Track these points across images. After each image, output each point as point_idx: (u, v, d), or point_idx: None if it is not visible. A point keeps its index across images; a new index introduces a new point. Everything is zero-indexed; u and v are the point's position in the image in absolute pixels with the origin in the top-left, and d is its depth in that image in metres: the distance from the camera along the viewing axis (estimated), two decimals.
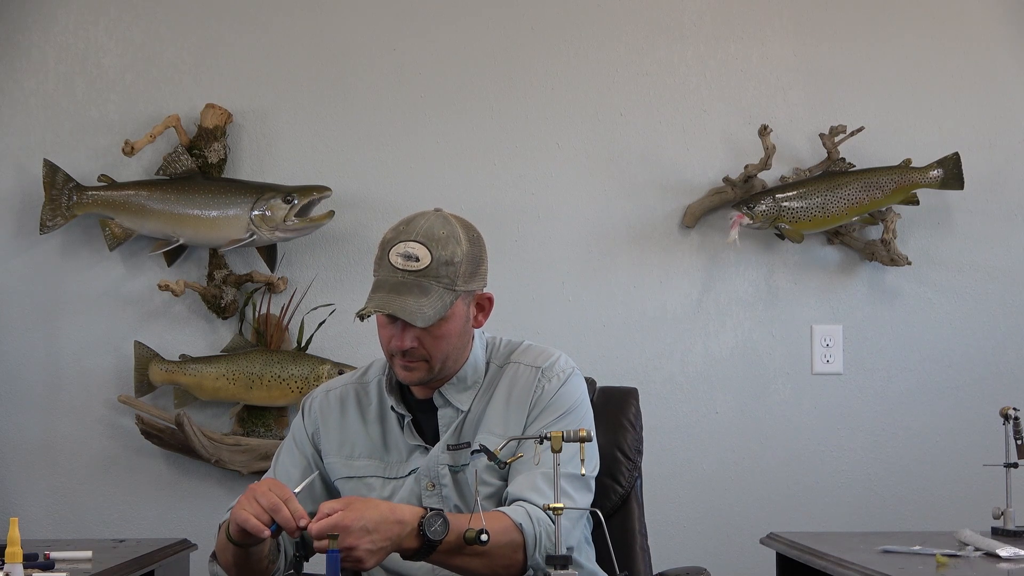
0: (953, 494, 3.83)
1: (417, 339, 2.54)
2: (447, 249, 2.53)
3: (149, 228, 3.73)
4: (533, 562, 2.46)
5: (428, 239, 2.53)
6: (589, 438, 2.35)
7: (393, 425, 2.66)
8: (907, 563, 2.70)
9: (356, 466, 2.66)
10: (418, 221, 2.56)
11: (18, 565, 2.29)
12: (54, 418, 3.78)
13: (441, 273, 2.52)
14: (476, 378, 2.65)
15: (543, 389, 2.62)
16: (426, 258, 2.52)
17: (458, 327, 2.58)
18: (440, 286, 2.53)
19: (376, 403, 2.69)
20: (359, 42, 3.84)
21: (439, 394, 2.63)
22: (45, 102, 3.81)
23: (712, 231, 3.84)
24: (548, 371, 2.63)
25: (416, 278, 2.52)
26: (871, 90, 3.87)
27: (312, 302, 3.77)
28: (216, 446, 3.68)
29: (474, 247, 2.58)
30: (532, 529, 2.46)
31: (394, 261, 2.53)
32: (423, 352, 2.56)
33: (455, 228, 2.57)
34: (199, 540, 3.34)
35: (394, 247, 2.54)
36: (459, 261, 2.54)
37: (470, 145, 3.84)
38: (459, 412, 2.62)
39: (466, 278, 2.56)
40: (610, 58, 3.86)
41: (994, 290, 3.88)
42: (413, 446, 2.64)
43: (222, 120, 3.75)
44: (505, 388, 2.63)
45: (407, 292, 2.52)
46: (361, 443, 2.67)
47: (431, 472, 2.60)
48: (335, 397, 2.72)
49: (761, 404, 3.85)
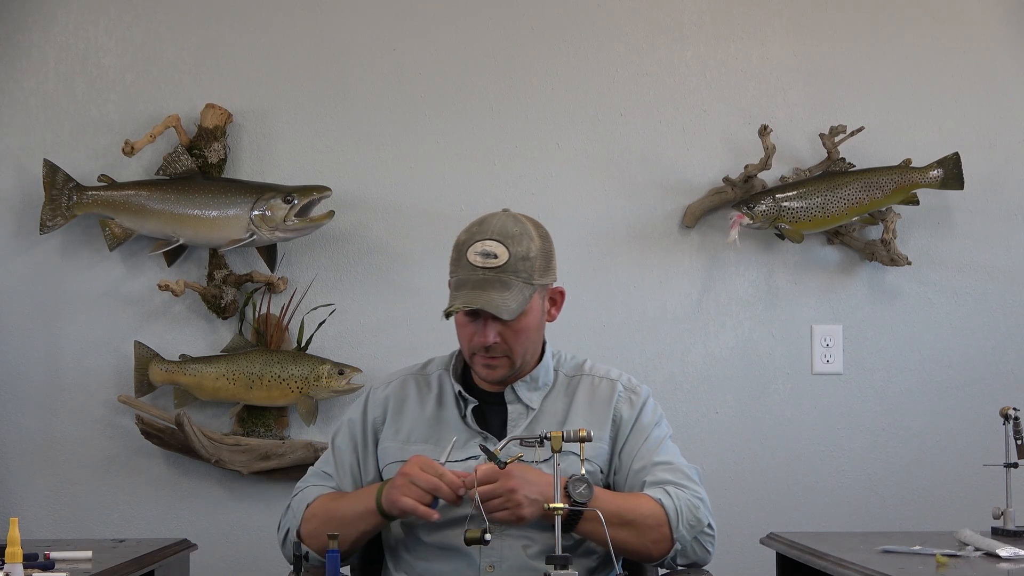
0: (953, 494, 3.83)
1: (499, 334, 2.67)
2: (522, 245, 2.66)
3: (149, 228, 3.73)
4: (678, 534, 2.67)
5: (503, 236, 2.66)
6: (589, 438, 2.50)
7: (452, 413, 2.77)
8: (907, 563, 2.71)
9: (410, 450, 2.74)
10: (490, 221, 2.70)
11: (18, 565, 2.30)
12: (54, 418, 3.78)
13: (519, 268, 2.65)
14: (547, 381, 2.79)
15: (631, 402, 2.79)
16: (504, 255, 2.65)
17: (536, 320, 2.72)
18: (519, 280, 2.65)
19: (436, 392, 2.80)
20: (359, 42, 3.84)
21: (511, 390, 2.76)
22: (45, 102, 3.81)
23: (712, 231, 3.84)
24: (629, 384, 2.82)
25: (496, 274, 2.64)
26: (871, 90, 3.87)
27: (312, 302, 3.77)
28: (216, 446, 3.68)
29: (545, 242, 2.72)
30: (672, 503, 2.67)
31: (473, 260, 2.65)
32: (505, 347, 2.69)
33: (526, 225, 2.70)
34: (199, 540, 3.34)
35: (471, 247, 2.67)
36: (534, 256, 2.67)
37: (470, 145, 3.84)
38: (529, 410, 2.75)
39: (541, 272, 2.70)
40: (610, 58, 3.86)
41: (994, 290, 3.88)
42: (473, 433, 2.73)
43: (222, 120, 3.75)
44: (586, 396, 2.78)
45: (490, 288, 2.64)
46: (418, 429, 2.77)
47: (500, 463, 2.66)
48: (397, 385, 2.84)
49: (761, 404, 3.85)
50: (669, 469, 2.73)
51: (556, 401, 2.78)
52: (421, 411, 2.78)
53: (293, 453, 3.70)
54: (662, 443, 2.78)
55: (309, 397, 3.69)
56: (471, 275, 2.65)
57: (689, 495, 2.70)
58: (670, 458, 2.76)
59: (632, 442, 2.77)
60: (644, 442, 2.76)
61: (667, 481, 2.71)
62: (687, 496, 2.70)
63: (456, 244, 2.71)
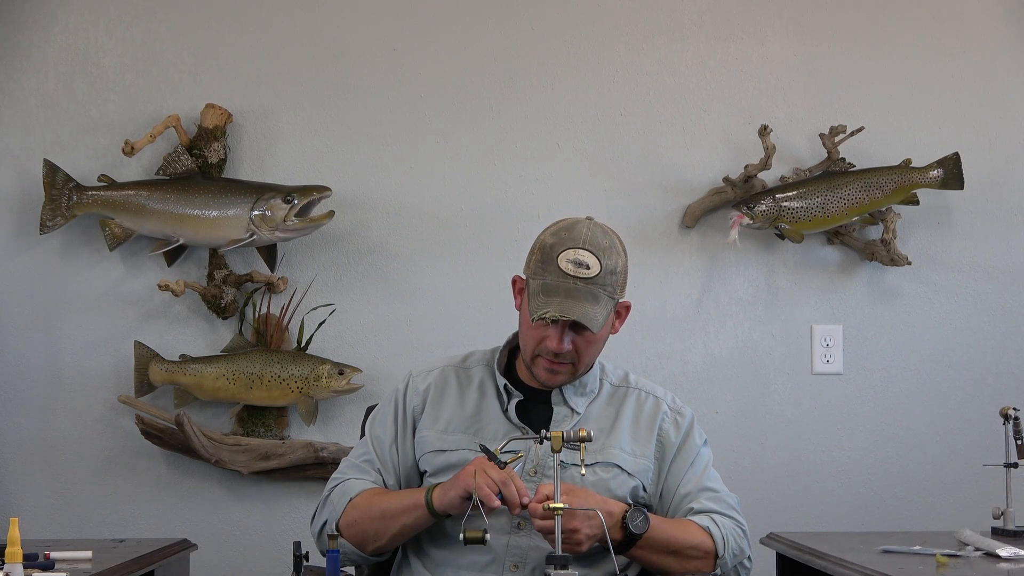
0: (953, 494, 3.84)
1: (573, 343, 2.67)
2: (611, 259, 2.67)
3: (149, 228, 3.73)
4: (722, 563, 2.71)
5: (595, 248, 2.66)
6: (589, 438, 2.51)
7: (492, 405, 2.77)
8: (907, 563, 2.71)
9: (448, 440, 2.74)
10: (579, 228, 2.69)
11: (18, 565, 2.30)
12: (54, 418, 3.78)
13: (607, 282, 2.65)
14: (593, 388, 2.80)
15: (677, 423, 2.81)
16: (596, 267, 2.64)
17: (605, 334, 2.74)
18: (605, 294, 2.66)
19: (477, 384, 2.80)
20: (359, 42, 3.84)
21: (558, 392, 2.76)
22: (45, 102, 3.81)
23: (712, 231, 3.84)
24: (674, 404, 2.84)
25: (587, 285, 2.64)
26: (871, 90, 3.87)
27: (312, 302, 3.77)
28: (216, 446, 3.68)
29: (626, 258, 2.72)
30: (720, 532, 2.70)
31: (564, 267, 2.64)
32: (574, 355, 2.69)
33: (614, 239, 2.70)
34: (199, 540, 3.34)
35: (562, 252, 2.66)
36: (620, 271, 2.69)
37: (470, 145, 3.84)
38: (574, 413, 2.75)
39: (622, 288, 2.71)
40: (610, 58, 3.86)
41: (994, 290, 3.88)
42: (513, 427, 2.73)
43: (222, 120, 3.75)
44: (632, 411, 2.79)
45: (582, 299, 2.64)
46: (457, 419, 2.77)
47: (538, 460, 2.70)
48: (438, 376, 2.83)
49: (761, 404, 3.85)
50: (715, 498, 2.77)
51: (602, 409, 2.79)
52: (461, 402, 2.78)
53: (293, 453, 3.70)
54: (707, 469, 2.81)
55: (309, 397, 3.69)
56: (562, 282, 2.64)
57: (734, 524, 2.75)
58: (715, 486, 2.79)
59: (678, 466, 2.78)
60: (690, 467, 2.79)
61: (713, 510, 2.75)
62: (732, 525, 2.74)
63: (542, 246, 2.69)
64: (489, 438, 2.71)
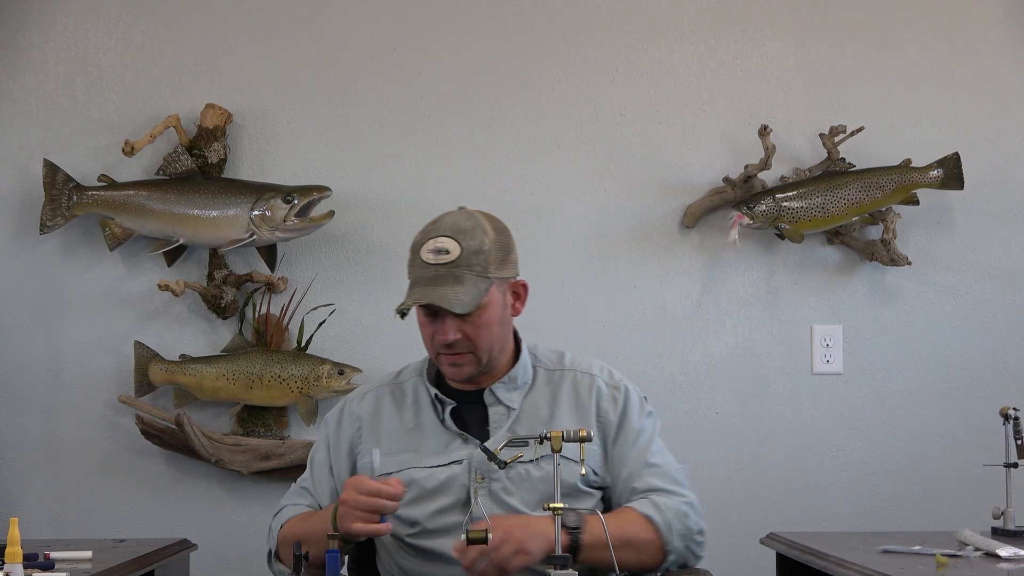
0: (953, 494, 3.83)
1: (460, 330, 2.64)
2: (475, 239, 2.64)
3: (149, 228, 3.73)
4: (671, 547, 2.64)
5: (455, 232, 2.64)
6: (589, 438, 2.47)
7: (428, 416, 2.74)
8: (907, 563, 2.71)
9: (394, 461, 2.72)
10: (444, 219, 2.68)
11: (18, 565, 2.30)
12: (54, 418, 3.78)
13: (472, 262, 2.63)
14: (525, 379, 2.75)
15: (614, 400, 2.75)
16: (455, 249, 2.62)
17: (497, 315, 2.67)
18: (473, 274, 2.62)
19: (412, 398, 2.78)
20: (359, 42, 3.84)
21: (490, 392, 2.73)
22: (45, 102, 3.81)
23: (712, 231, 3.84)
24: (610, 380, 2.77)
25: (449, 269, 2.62)
26: (871, 90, 3.87)
27: (312, 302, 3.77)
28: (216, 446, 3.68)
29: (501, 235, 2.69)
30: (662, 518, 2.64)
31: (425, 257, 2.63)
32: (468, 344, 2.66)
33: (479, 219, 2.68)
34: (199, 540, 3.34)
35: (423, 245, 2.64)
36: (488, 249, 2.64)
37: (470, 145, 3.84)
38: (510, 410, 2.72)
39: (497, 265, 2.66)
40: (610, 58, 3.86)
41: (994, 290, 3.88)
42: (453, 435, 2.71)
43: (222, 120, 3.75)
44: (570, 394, 2.74)
45: (442, 283, 2.61)
46: (398, 439, 2.74)
47: (484, 465, 2.66)
48: (371, 399, 2.81)
49: (761, 404, 3.85)
50: (657, 473, 2.71)
51: (538, 400, 2.74)
52: (400, 420, 2.75)
53: (293, 453, 3.70)
54: (650, 444, 2.74)
55: (309, 397, 3.69)
56: (424, 272, 2.63)
57: (677, 502, 2.67)
58: (658, 460, 2.73)
59: (620, 447, 2.73)
60: (632, 447, 2.73)
61: (655, 488, 2.68)
62: (675, 504, 2.67)
63: (411, 245, 2.68)
64: (431, 451, 2.69)
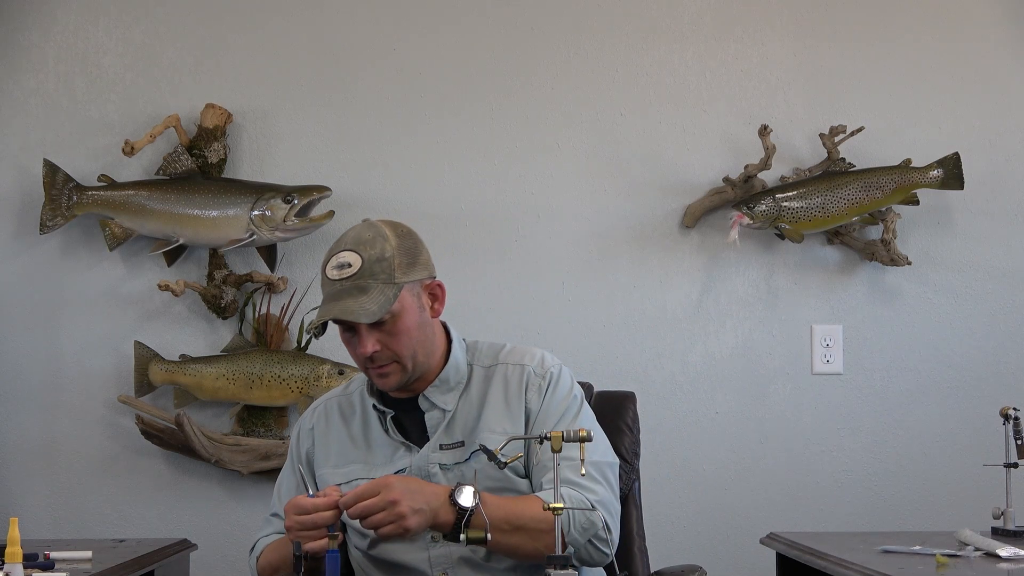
0: (953, 494, 3.83)
1: (378, 341, 2.59)
2: (375, 248, 2.60)
3: (149, 228, 3.73)
4: (570, 538, 2.53)
5: (356, 244, 2.61)
6: (589, 438, 2.39)
7: (375, 427, 2.71)
8: (907, 563, 2.71)
9: (344, 472, 2.71)
10: (347, 234, 2.65)
11: (18, 565, 2.30)
12: (54, 418, 3.78)
13: (376, 270, 2.58)
14: (459, 379, 2.70)
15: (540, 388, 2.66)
16: (357, 261, 2.59)
17: (414, 319, 2.62)
18: (378, 282, 2.58)
19: (359, 409, 2.75)
20: (359, 42, 3.84)
21: (424, 397, 2.68)
22: (45, 102, 3.81)
23: (712, 231, 3.84)
24: (539, 369, 2.68)
25: (352, 281, 2.58)
26: (871, 90, 3.87)
27: (312, 302, 3.77)
28: (216, 446, 3.68)
29: (405, 240, 2.64)
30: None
31: (330, 274, 2.61)
32: (389, 353, 2.61)
33: (381, 228, 2.64)
34: (199, 540, 3.34)
35: (328, 262, 2.62)
36: (390, 255, 2.60)
37: (470, 145, 3.84)
38: (444, 412, 2.67)
39: (404, 269, 2.61)
40: (610, 58, 3.86)
41: (994, 290, 3.88)
42: (397, 444, 2.69)
43: (222, 120, 3.75)
44: (500, 389, 2.68)
45: (346, 296, 2.58)
46: (347, 450, 2.73)
47: (422, 471, 2.63)
48: (321, 412, 2.80)
49: (761, 404, 3.85)
50: (570, 466, 2.58)
51: (471, 398, 2.68)
52: (348, 432, 2.74)
53: None
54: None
55: (309, 397, 3.69)
56: (330, 289, 2.60)
57: (583, 496, 2.57)
58: (572, 452, 2.53)
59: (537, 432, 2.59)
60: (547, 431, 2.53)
61: (569, 480, 2.57)
62: (580, 497, 2.56)
63: (322, 264, 2.65)
64: (380, 461, 2.67)
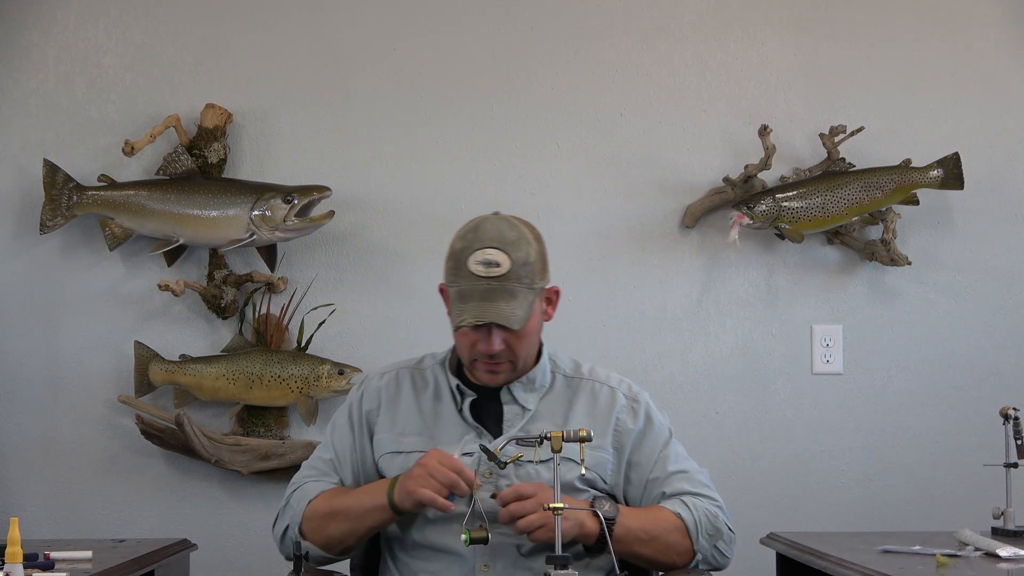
0: (953, 494, 3.83)
1: (504, 341, 2.66)
2: (521, 251, 2.64)
3: (149, 228, 3.73)
4: (699, 545, 2.71)
5: (502, 243, 2.64)
6: (589, 438, 2.50)
7: (447, 406, 2.76)
8: (907, 563, 2.71)
9: (405, 442, 2.75)
10: (485, 227, 2.67)
11: (18, 565, 2.30)
12: (54, 418, 3.78)
13: (521, 274, 2.63)
14: (544, 382, 2.78)
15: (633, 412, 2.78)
16: (506, 263, 2.62)
17: (537, 324, 2.72)
18: (523, 287, 2.64)
19: (432, 385, 2.79)
20: (359, 42, 3.84)
21: (507, 390, 2.75)
22: (45, 102, 3.81)
23: (712, 231, 3.84)
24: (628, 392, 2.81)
25: (501, 283, 2.62)
26: (871, 90, 3.87)
27: (312, 302, 3.77)
28: (216, 446, 3.68)
29: (541, 244, 2.71)
30: (692, 516, 2.70)
31: (474, 269, 2.63)
32: (509, 353, 2.68)
33: (522, 229, 2.68)
34: (199, 540, 3.34)
35: (471, 255, 2.64)
36: (533, 260, 2.66)
37: (470, 145, 3.84)
38: (525, 411, 2.74)
39: (541, 275, 2.69)
40: (610, 58, 3.86)
41: (994, 290, 3.88)
42: (468, 427, 2.73)
43: (222, 120, 3.75)
44: (586, 403, 2.77)
45: (497, 298, 2.62)
46: (413, 421, 2.76)
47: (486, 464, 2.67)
48: (392, 378, 2.83)
49: (761, 404, 3.85)
50: (685, 478, 2.76)
51: (554, 404, 2.77)
52: (416, 404, 2.78)
53: (293, 453, 3.70)
54: (672, 449, 2.80)
55: (309, 397, 3.69)
56: (475, 285, 2.63)
57: (707, 504, 2.74)
58: (684, 466, 2.78)
59: (644, 454, 2.78)
60: (656, 453, 2.78)
61: (685, 491, 2.74)
62: (705, 506, 2.73)
63: (453, 252, 2.68)
64: (445, 440, 2.71)
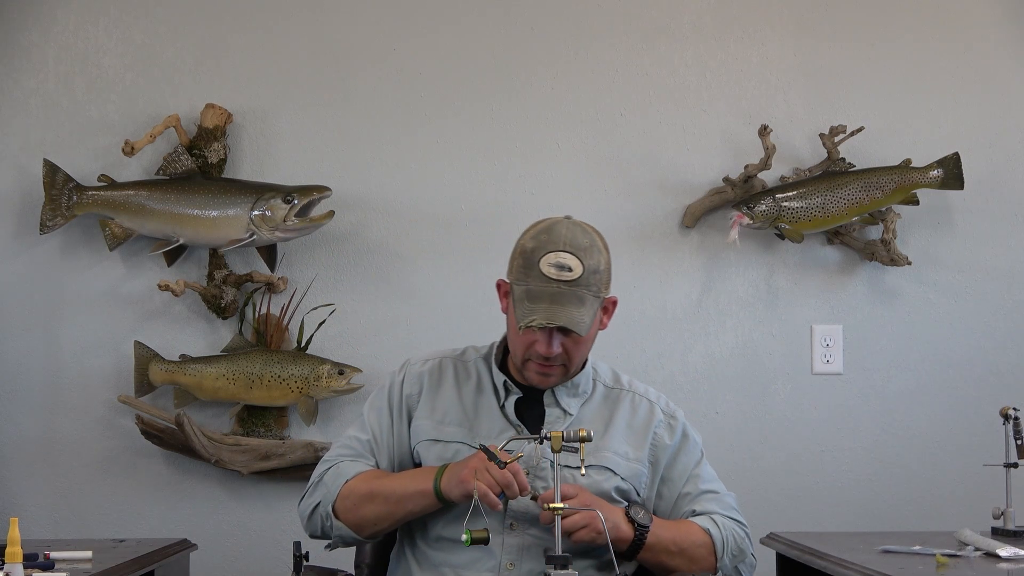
0: (953, 494, 3.84)
1: (562, 345, 2.66)
2: (593, 258, 2.64)
3: (149, 228, 3.73)
4: (722, 563, 2.74)
5: (575, 248, 2.64)
6: (589, 438, 2.52)
7: (489, 400, 2.76)
8: (907, 563, 2.71)
9: (445, 431, 2.74)
10: (558, 230, 2.67)
11: (18, 565, 2.30)
12: (54, 418, 3.78)
13: (591, 282, 2.64)
14: (586, 389, 2.79)
15: (670, 428, 2.81)
16: (578, 268, 2.62)
17: (595, 332, 2.72)
18: (591, 295, 2.65)
19: (475, 379, 2.79)
20: (359, 42, 3.84)
21: (551, 393, 2.75)
22: (45, 102, 3.81)
23: (712, 231, 3.85)
24: (667, 408, 2.84)
25: (571, 288, 2.62)
26: (871, 90, 3.88)
27: (312, 302, 3.77)
28: (216, 446, 3.68)
29: (609, 254, 2.71)
30: (720, 534, 2.74)
31: (547, 271, 2.63)
32: (564, 357, 2.68)
33: (594, 237, 2.68)
34: (199, 540, 3.34)
35: (544, 256, 2.63)
36: (603, 269, 2.67)
37: (470, 145, 3.84)
38: (567, 415, 2.75)
39: (607, 285, 2.70)
40: (610, 58, 3.86)
41: (994, 290, 3.88)
42: (507, 424, 2.73)
43: (222, 120, 3.75)
44: (626, 414, 2.79)
45: (567, 303, 2.62)
46: (453, 411, 2.76)
47: (532, 458, 2.68)
48: (435, 365, 2.83)
49: (761, 404, 3.85)
50: (715, 499, 2.80)
51: (595, 411, 2.78)
52: (458, 395, 2.77)
53: (293, 453, 3.70)
54: (705, 469, 2.84)
55: (309, 397, 3.69)
56: (546, 287, 2.62)
57: (735, 526, 2.78)
58: (715, 487, 2.82)
59: (677, 470, 2.80)
60: (688, 470, 2.81)
61: (714, 512, 2.78)
62: (733, 527, 2.77)
63: (523, 250, 2.68)
64: (484, 434, 2.71)
